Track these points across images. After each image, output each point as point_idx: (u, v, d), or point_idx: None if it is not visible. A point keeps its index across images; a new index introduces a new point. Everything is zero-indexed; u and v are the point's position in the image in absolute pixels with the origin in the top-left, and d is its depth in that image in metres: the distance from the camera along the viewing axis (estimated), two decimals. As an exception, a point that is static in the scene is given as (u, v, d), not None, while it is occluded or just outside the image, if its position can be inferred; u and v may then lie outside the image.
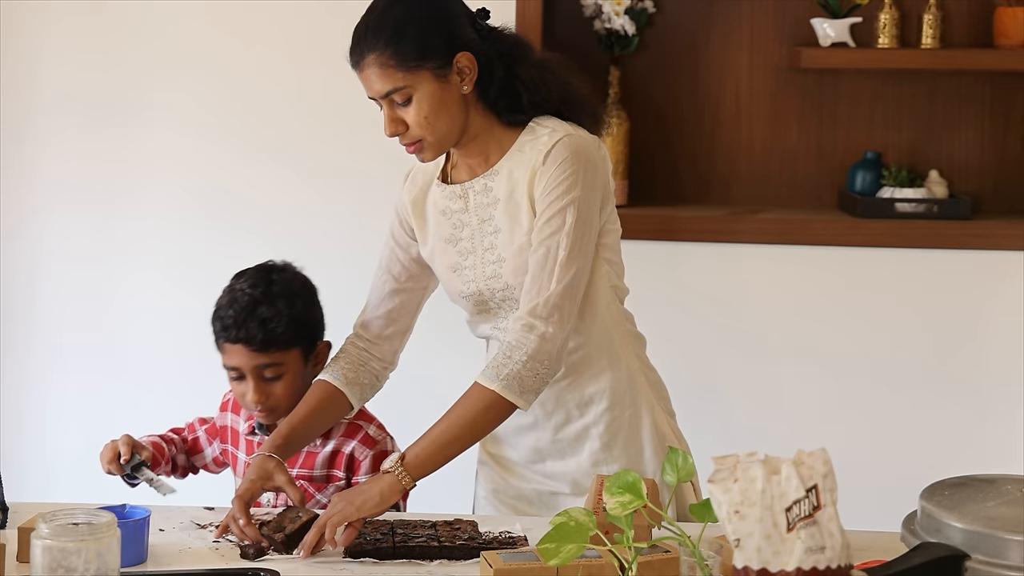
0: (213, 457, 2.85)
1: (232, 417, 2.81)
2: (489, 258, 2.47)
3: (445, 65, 2.38)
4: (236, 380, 2.68)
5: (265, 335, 2.63)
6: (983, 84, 3.82)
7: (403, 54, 2.35)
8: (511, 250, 2.44)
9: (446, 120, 2.40)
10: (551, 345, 2.35)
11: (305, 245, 3.75)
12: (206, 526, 2.44)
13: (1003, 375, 3.72)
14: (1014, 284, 3.70)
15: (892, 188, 3.75)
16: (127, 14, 3.79)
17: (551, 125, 2.44)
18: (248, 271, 2.74)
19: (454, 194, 2.50)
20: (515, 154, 2.45)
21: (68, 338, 3.89)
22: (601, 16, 3.73)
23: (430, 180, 2.56)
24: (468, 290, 2.51)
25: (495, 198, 2.46)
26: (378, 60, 2.36)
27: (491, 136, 2.47)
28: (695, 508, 1.88)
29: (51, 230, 3.86)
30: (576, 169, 2.39)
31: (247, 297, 2.66)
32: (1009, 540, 1.82)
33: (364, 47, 2.38)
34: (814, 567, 1.69)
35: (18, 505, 2.43)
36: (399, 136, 2.41)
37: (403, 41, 2.35)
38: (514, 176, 2.44)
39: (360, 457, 2.70)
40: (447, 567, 2.26)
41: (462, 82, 2.40)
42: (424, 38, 2.36)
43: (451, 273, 2.53)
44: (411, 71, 2.35)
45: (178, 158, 3.82)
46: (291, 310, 2.67)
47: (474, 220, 2.48)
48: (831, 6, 3.76)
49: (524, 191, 2.42)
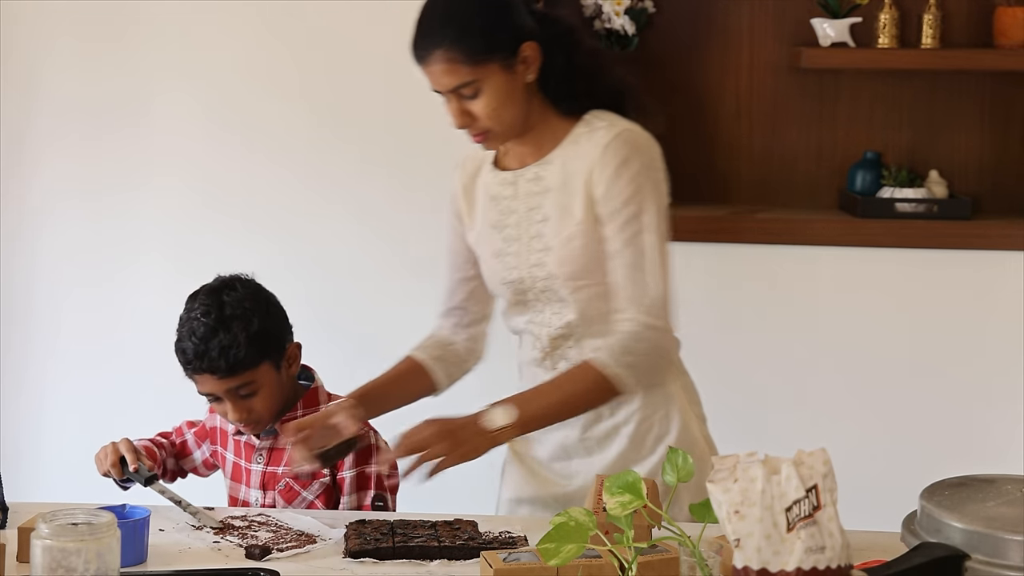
0: (203, 460, 2.85)
1: (221, 419, 2.81)
2: (535, 246, 2.47)
3: (511, 56, 2.38)
4: (214, 402, 2.70)
5: (228, 362, 2.62)
6: (983, 84, 3.82)
7: (471, 49, 2.34)
8: (559, 239, 2.44)
9: (513, 110, 2.41)
10: (669, 342, 2.42)
11: (305, 246, 3.76)
12: (201, 527, 2.44)
13: (1003, 375, 3.72)
14: (1014, 284, 3.70)
15: (892, 188, 3.75)
16: (128, 17, 3.79)
17: (608, 119, 2.44)
18: (199, 294, 2.72)
19: (505, 181, 2.51)
20: (569, 146, 2.45)
21: (67, 339, 3.89)
22: (601, 16, 3.73)
23: (480, 165, 2.58)
24: (510, 277, 2.51)
25: (546, 187, 2.46)
26: (446, 56, 2.34)
27: (546, 126, 2.48)
28: (695, 508, 1.88)
29: (50, 232, 3.86)
30: (642, 166, 2.40)
31: (202, 327, 2.64)
32: (1009, 540, 1.82)
33: (430, 42, 2.36)
34: (814, 567, 1.69)
35: (18, 505, 2.43)
36: (465, 128, 2.42)
37: (471, 35, 2.34)
38: (568, 167, 2.44)
39: None
40: (447, 567, 2.26)
41: (527, 71, 2.41)
42: (491, 31, 2.36)
43: (494, 259, 2.53)
44: (479, 65, 2.35)
45: (178, 160, 3.82)
46: (248, 331, 2.64)
47: (522, 207, 2.49)
48: (831, 6, 3.76)
49: (580, 183, 2.42)
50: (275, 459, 2.72)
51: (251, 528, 2.43)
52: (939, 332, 3.75)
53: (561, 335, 2.49)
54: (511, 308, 2.56)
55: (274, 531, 2.42)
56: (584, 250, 2.42)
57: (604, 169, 2.39)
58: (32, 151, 3.84)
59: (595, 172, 2.40)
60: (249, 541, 2.36)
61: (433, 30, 2.36)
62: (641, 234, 2.39)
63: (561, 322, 2.48)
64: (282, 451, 2.71)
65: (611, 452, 2.52)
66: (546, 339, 2.51)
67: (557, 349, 2.51)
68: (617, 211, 2.39)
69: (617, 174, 2.39)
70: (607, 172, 2.39)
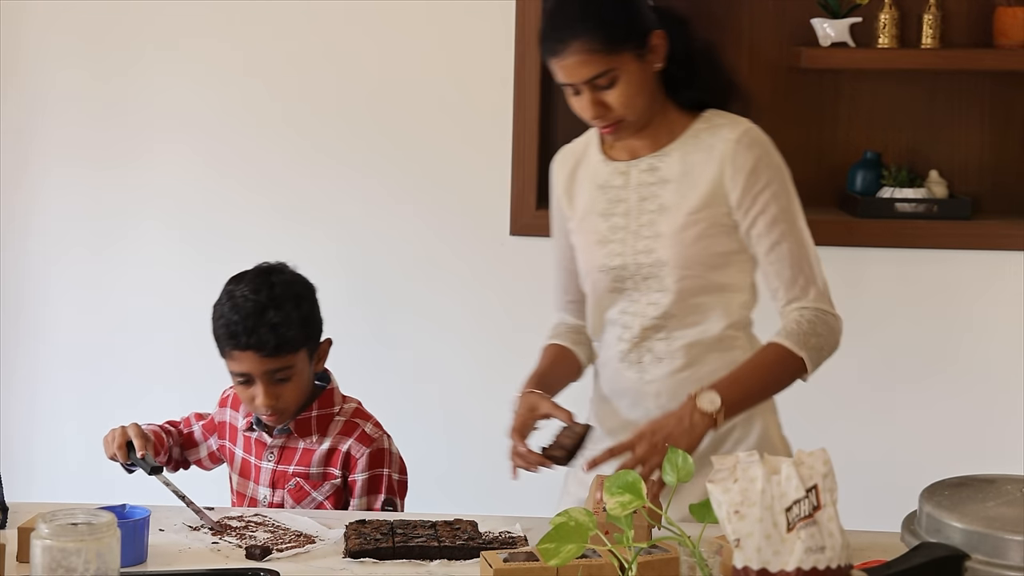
0: (209, 453, 2.84)
1: (231, 413, 2.81)
2: (644, 233, 2.50)
3: (643, 45, 2.43)
4: (243, 385, 2.67)
5: (277, 340, 2.62)
6: (983, 84, 3.82)
7: (609, 38, 2.39)
8: (673, 227, 2.48)
9: (645, 99, 2.46)
10: (840, 327, 2.50)
11: (305, 246, 3.75)
12: (198, 528, 2.43)
13: (1003, 375, 3.72)
14: (1014, 284, 3.70)
15: (892, 188, 3.75)
16: (128, 16, 3.78)
17: (727, 117, 2.51)
18: (245, 275, 2.72)
19: (616, 171, 2.55)
20: (689, 140, 2.50)
21: (67, 338, 3.88)
22: (601, 16, 3.73)
23: (579, 159, 2.61)
24: (612, 263, 2.53)
25: (662, 178, 2.50)
26: (583, 46, 2.39)
27: (664, 119, 2.53)
28: (695, 508, 1.88)
29: (49, 230, 3.86)
30: (777, 163, 2.49)
31: (251, 303, 2.64)
32: (1009, 540, 1.82)
33: (566, 34, 2.40)
34: (814, 567, 1.69)
35: (18, 505, 2.43)
36: (598, 119, 2.45)
37: (607, 25, 2.39)
38: (688, 159, 2.49)
39: (356, 455, 2.69)
40: (447, 567, 2.26)
41: (656, 60, 2.46)
42: (625, 20, 2.42)
43: (596, 246, 2.55)
44: (615, 54, 2.40)
45: (178, 160, 3.81)
46: (298, 312, 2.66)
47: (633, 197, 2.52)
48: (831, 6, 3.75)
49: (704, 176, 2.47)
50: (286, 457, 2.72)
51: (248, 528, 2.43)
52: (939, 332, 3.74)
53: (654, 325, 2.51)
54: (603, 297, 2.57)
55: (272, 531, 2.42)
56: (696, 241, 2.47)
57: (739, 167, 2.46)
58: (32, 150, 3.83)
59: (727, 168, 2.46)
60: (248, 541, 2.36)
61: (570, 21, 2.40)
62: (795, 227, 2.48)
63: (657, 312, 2.50)
64: (293, 450, 2.71)
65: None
66: (638, 328, 2.52)
67: (646, 340, 2.53)
68: (766, 207, 2.46)
69: (756, 171, 2.46)
70: (744, 169, 2.46)
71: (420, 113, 3.76)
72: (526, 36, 3.67)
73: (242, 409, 2.78)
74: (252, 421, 2.75)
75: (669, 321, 2.51)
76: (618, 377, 2.57)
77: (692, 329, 2.51)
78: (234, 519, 2.48)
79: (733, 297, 2.52)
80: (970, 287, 3.73)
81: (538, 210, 3.72)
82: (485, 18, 3.70)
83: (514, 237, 3.74)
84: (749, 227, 2.48)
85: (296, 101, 3.78)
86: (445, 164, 3.77)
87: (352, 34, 3.73)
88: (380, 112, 3.76)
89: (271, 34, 3.77)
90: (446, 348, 3.79)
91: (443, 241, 3.77)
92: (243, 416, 2.78)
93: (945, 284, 3.73)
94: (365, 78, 3.75)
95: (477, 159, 3.75)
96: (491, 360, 3.77)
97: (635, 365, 2.54)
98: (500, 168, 3.72)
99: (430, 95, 3.75)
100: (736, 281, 2.52)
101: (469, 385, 3.79)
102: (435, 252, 3.79)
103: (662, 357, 2.52)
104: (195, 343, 3.82)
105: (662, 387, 2.52)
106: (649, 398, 2.53)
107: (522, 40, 3.68)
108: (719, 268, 2.50)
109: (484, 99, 3.72)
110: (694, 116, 2.53)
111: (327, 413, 2.72)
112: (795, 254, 2.47)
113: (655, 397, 2.53)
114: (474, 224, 3.76)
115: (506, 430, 2.44)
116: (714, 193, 2.46)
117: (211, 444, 2.84)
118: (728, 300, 2.51)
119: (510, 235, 3.74)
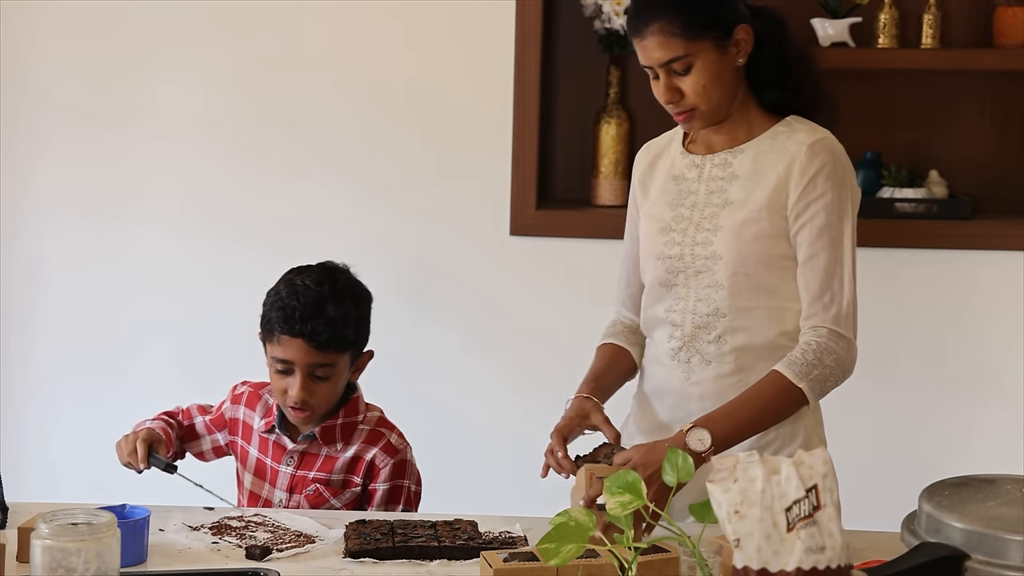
0: (214, 447, 2.83)
1: (246, 411, 2.80)
2: (705, 226, 2.51)
3: (725, 36, 2.44)
4: (281, 374, 2.65)
5: (330, 334, 2.61)
6: (983, 84, 3.82)
7: (689, 23, 2.40)
8: (734, 221, 2.48)
9: (721, 90, 2.46)
10: (853, 356, 2.46)
11: (306, 243, 3.75)
12: (198, 528, 2.43)
13: (1003, 375, 3.72)
14: (1014, 284, 3.70)
15: (892, 188, 3.75)
16: (126, 16, 3.78)
17: (808, 125, 2.51)
18: (308, 268, 2.72)
19: (692, 163, 2.56)
20: (766, 140, 2.51)
21: (67, 339, 3.88)
22: (601, 16, 3.73)
23: (661, 151, 2.63)
24: (669, 252, 2.54)
25: (732, 174, 2.51)
26: (663, 29, 2.41)
27: (744, 117, 2.53)
28: (695, 508, 1.88)
29: (51, 234, 3.86)
30: (844, 175, 2.47)
31: (312, 292, 2.63)
32: (1009, 540, 1.82)
33: (649, 15, 2.42)
34: (814, 567, 1.69)
35: (18, 505, 2.44)
36: (672, 104, 2.46)
37: (689, 10, 2.41)
38: (760, 159, 2.49)
39: (380, 464, 2.68)
40: (447, 567, 2.26)
41: (738, 54, 2.47)
42: (709, 8, 2.42)
43: (658, 233, 2.56)
44: (694, 40, 2.41)
45: (177, 163, 3.81)
46: (356, 312, 2.66)
47: (702, 190, 2.53)
48: (831, 6, 3.75)
49: (772, 175, 2.47)
50: (307, 463, 2.70)
51: (248, 528, 2.43)
52: (939, 332, 3.74)
53: (704, 324, 2.51)
54: (654, 291, 2.57)
55: (272, 531, 2.42)
56: (754, 239, 2.47)
57: (805, 171, 2.45)
58: (30, 155, 3.84)
59: (794, 171, 2.46)
60: (248, 541, 2.36)
61: (653, 3, 2.42)
62: (839, 241, 2.45)
63: (708, 309, 2.50)
64: (315, 456, 2.69)
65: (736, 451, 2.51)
66: (689, 327, 2.52)
67: (696, 340, 2.52)
68: (815, 215, 2.45)
69: (817, 178, 2.45)
70: (807, 174, 2.45)
71: (420, 113, 3.76)
72: (526, 36, 3.67)
73: (259, 409, 2.77)
74: (275, 423, 2.73)
75: (719, 321, 2.49)
76: (664, 376, 2.56)
77: (743, 333, 2.49)
78: (234, 519, 2.48)
79: (785, 304, 2.50)
80: (970, 287, 3.73)
81: (538, 210, 3.72)
82: (485, 18, 3.70)
83: (514, 237, 3.74)
84: (796, 232, 2.47)
85: (295, 101, 3.78)
86: (445, 164, 3.77)
87: (352, 34, 3.73)
88: (380, 112, 3.76)
89: (270, 36, 3.77)
90: (446, 348, 3.79)
91: (443, 241, 3.77)
92: (260, 416, 2.77)
93: (945, 284, 3.73)
94: (365, 78, 3.75)
95: (477, 159, 3.75)
96: (490, 360, 3.78)
97: (683, 365, 2.53)
98: (500, 168, 3.72)
99: (430, 95, 3.75)
100: (789, 288, 2.49)
101: (469, 385, 3.79)
102: (435, 252, 3.79)
103: (711, 360, 2.51)
104: (194, 348, 3.84)
105: (707, 390, 2.51)
106: (693, 400, 2.52)
107: (522, 40, 3.68)
108: (772, 271, 2.48)
109: (484, 99, 3.72)
110: (776, 119, 2.53)
111: (351, 421, 2.70)
112: (829, 269, 2.45)
113: (699, 399, 2.52)
114: (474, 224, 3.76)
115: (551, 428, 2.46)
116: (777, 194, 2.46)
117: (218, 439, 2.82)
118: (780, 307, 2.50)
119: (510, 235, 3.74)
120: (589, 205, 3.78)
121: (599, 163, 3.76)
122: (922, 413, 3.75)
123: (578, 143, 3.83)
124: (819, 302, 2.45)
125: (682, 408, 2.54)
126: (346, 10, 3.73)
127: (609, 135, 3.74)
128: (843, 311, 2.45)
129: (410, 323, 3.79)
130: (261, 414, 2.77)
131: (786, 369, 2.41)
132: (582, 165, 3.83)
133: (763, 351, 2.49)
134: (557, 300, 3.73)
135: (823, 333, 2.43)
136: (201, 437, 2.83)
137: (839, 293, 2.45)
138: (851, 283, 2.46)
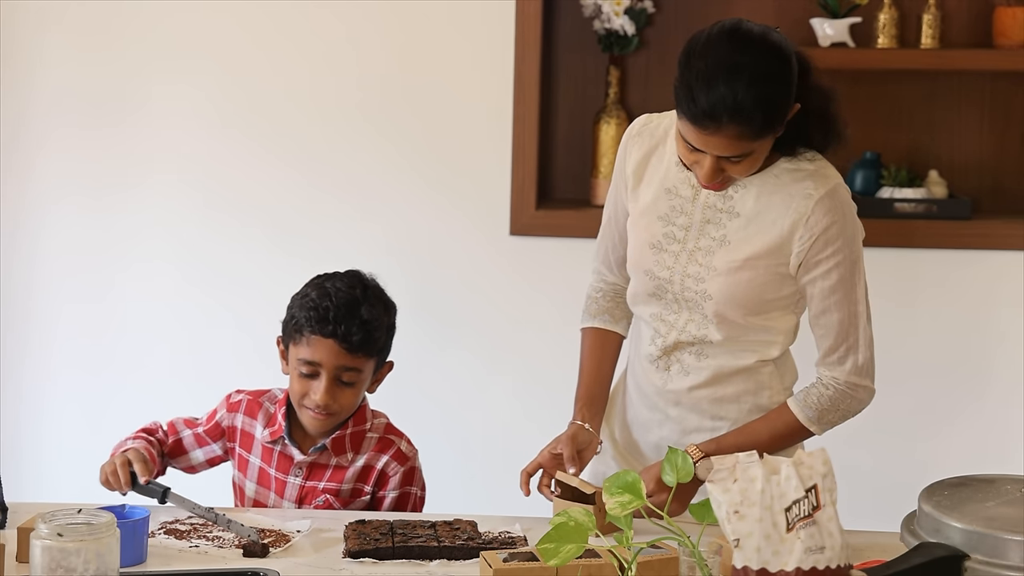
0: (208, 458, 2.75)
1: (245, 420, 2.73)
2: (699, 259, 2.46)
3: (783, 123, 2.37)
4: (306, 377, 2.61)
5: (363, 337, 2.59)
6: (983, 84, 3.82)
7: (763, 129, 2.32)
8: (730, 265, 2.44)
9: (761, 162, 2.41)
10: (871, 396, 2.48)
11: (306, 243, 3.76)
12: (184, 535, 2.41)
13: (1003, 375, 3.72)
14: (1014, 284, 3.70)
15: (892, 188, 3.75)
16: (125, 11, 3.78)
17: (815, 163, 2.44)
18: (336, 273, 2.69)
19: (688, 181, 2.48)
20: (770, 178, 2.44)
21: (67, 338, 3.88)
22: (601, 16, 3.73)
23: (659, 142, 2.53)
24: (659, 273, 2.50)
25: (732, 209, 2.45)
26: (739, 131, 2.30)
27: None
28: (695, 508, 1.88)
29: (49, 229, 3.85)
30: (853, 229, 2.43)
31: (345, 295, 2.61)
32: (1009, 540, 1.82)
33: (723, 116, 2.28)
34: (813, 567, 1.69)
35: (18, 505, 2.43)
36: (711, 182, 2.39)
37: (768, 120, 2.31)
38: (764, 200, 2.43)
39: (391, 473, 2.66)
40: (447, 567, 2.26)
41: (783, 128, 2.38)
42: (783, 113, 2.34)
43: (648, 248, 2.52)
44: (763, 138, 2.34)
45: (177, 156, 3.81)
46: (388, 317, 2.65)
47: (698, 215, 2.47)
48: (831, 6, 3.75)
49: (775, 225, 2.41)
50: (315, 474, 2.66)
51: (205, 529, 2.42)
52: (939, 332, 3.74)
53: (688, 341, 2.50)
54: (642, 295, 2.55)
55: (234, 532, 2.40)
56: (748, 285, 2.44)
57: (812, 230, 2.40)
58: (30, 148, 3.83)
59: (800, 229, 2.40)
60: (215, 543, 2.35)
61: (729, 104, 2.27)
62: (852, 293, 2.44)
63: (695, 332, 2.48)
64: (324, 467, 2.66)
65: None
66: (672, 341, 2.51)
67: (678, 351, 2.52)
68: (826, 273, 2.42)
69: (825, 239, 2.40)
70: (815, 233, 2.40)
71: (420, 113, 3.76)
72: (526, 36, 3.67)
73: (261, 417, 2.71)
74: (283, 435, 2.68)
75: (704, 345, 2.49)
76: (643, 375, 2.57)
77: (726, 356, 2.49)
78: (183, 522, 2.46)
79: (773, 338, 2.50)
80: (970, 287, 3.73)
81: (538, 210, 3.72)
82: (485, 18, 3.70)
83: (514, 237, 3.74)
84: (805, 284, 2.45)
85: (295, 102, 3.78)
86: (445, 164, 3.77)
87: (352, 34, 3.73)
88: (380, 112, 3.76)
89: (270, 35, 3.77)
90: (445, 348, 3.79)
91: (443, 241, 3.77)
92: (263, 425, 2.70)
93: (945, 284, 3.73)
94: (365, 78, 3.75)
95: (477, 159, 3.75)
96: (490, 360, 3.78)
97: (662, 371, 2.53)
98: (500, 168, 3.72)
99: (430, 95, 3.75)
100: (778, 326, 2.49)
101: (468, 385, 3.79)
102: (435, 252, 3.79)
103: (689, 371, 2.51)
104: (192, 344, 3.83)
105: (682, 398, 2.52)
106: (669, 405, 2.54)
107: (522, 40, 3.68)
108: (763, 314, 2.47)
109: (484, 99, 3.72)
110: (781, 151, 2.44)
111: (360, 430, 2.68)
112: (843, 324, 2.44)
113: (674, 405, 2.53)
114: (474, 224, 3.76)
115: (551, 428, 2.48)
116: (780, 246, 2.42)
117: (214, 449, 2.74)
118: (768, 340, 2.50)
119: (510, 235, 3.74)
120: (589, 205, 3.78)
121: (599, 163, 3.76)
122: (922, 413, 3.75)
123: (578, 143, 3.83)
124: (834, 354, 2.46)
125: (657, 411, 2.55)
126: (346, 10, 3.73)
127: (609, 135, 3.74)
128: (859, 361, 2.45)
129: (410, 323, 3.78)
130: (263, 423, 2.71)
131: (800, 412, 2.45)
132: (582, 165, 3.83)
133: (743, 372, 2.51)
134: (557, 300, 3.73)
135: (840, 383, 2.45)
136: (191, 451, 2.74)
137: (854, 346, 2.45)
138: (867, 331, 2.46)
